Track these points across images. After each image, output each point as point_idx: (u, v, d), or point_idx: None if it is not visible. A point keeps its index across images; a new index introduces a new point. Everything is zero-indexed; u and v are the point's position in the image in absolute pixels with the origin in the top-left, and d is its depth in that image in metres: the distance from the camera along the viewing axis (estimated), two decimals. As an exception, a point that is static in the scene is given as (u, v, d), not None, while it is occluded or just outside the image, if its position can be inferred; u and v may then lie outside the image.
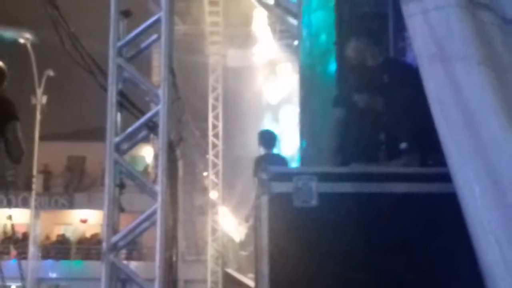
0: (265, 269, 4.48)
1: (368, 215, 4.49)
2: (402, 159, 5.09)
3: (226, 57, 22.64)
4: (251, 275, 14.82)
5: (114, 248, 4.20)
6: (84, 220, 33.76)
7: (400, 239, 4.45)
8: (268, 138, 8.82)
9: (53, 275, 31.40)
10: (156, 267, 4.13)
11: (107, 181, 4.20)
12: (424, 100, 3.94)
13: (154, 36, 4.49)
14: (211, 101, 23.17)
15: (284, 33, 18.09)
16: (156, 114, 4.30)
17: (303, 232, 4.49)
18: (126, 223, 4.30)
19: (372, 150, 5.07)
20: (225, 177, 24.15)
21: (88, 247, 32.66)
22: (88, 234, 33.30)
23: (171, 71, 4.39)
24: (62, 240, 33.10)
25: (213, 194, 24.22)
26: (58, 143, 33.68)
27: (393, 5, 6.27)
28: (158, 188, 4.19)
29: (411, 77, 5.12)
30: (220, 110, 23.41)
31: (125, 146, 4.41)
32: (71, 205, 33.25)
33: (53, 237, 32.98)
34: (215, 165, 23.58)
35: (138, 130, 4.46)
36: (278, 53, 19.66)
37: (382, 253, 4.46)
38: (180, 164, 7.26)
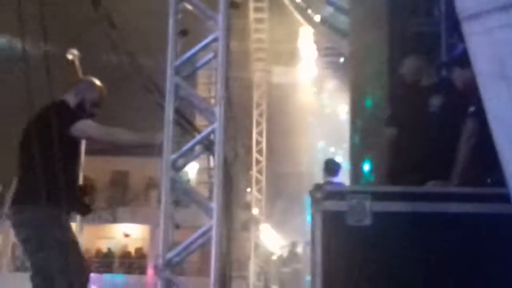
0: (319, 287, 4.48)
1: (422, 234, 4.47)
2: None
3: (270, 74, 22.70)
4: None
5: (169, 264, 4.23)
6: (127, 234, 33.97)
7: (456, 260, 4.42)
8: (332, 167, 9.21)
9: (96, 288, 31.59)
10: (211, 283, 4.16)
11: (163, 198, 4.24)
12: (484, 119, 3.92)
13: (210, 55, 4.54)
14: (255, 117, 23.22)
15: (329, 50, 18.11)
16: (212, 131, 4.33)
17: (357, 251, 4.48)
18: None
19: (429, 170, 5.03)
20: (268, 193, 24.16)
21: (130, 261, 32.87)
22: (131, 248, 33.50)
23: (227, 90, 4.43)
24: (106, 254, 33.33)
25: (255, 210, 24.23)
26: (102, 157, 33.95)
27: (446, 23, 6.25)
28: (214, 205, 4.21)
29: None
30: (264, 126, 23.45)
31: (180, 163, 4.45)
32: (115, 219, 33.47)
33: (96, 251, 33.21)
34: (258, 181, 23.60)
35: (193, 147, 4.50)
36: (323, 70, 19.70)
37: (436, 274, 4.42)
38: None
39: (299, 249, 22.22)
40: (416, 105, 5.37)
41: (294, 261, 21.29)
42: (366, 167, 6.47)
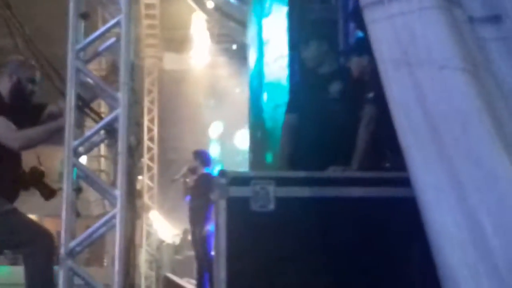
0: (222, 273, 4.48)
1: (325, 219, 4.55)
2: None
3: (162, 60, 22.46)
4: (187, 279, 14.80)
5: (71, 253, 4.14)
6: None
7: (357, 243, 4.52)
8: (206, 158, 9.44)
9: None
10: (115, 272, 4.09)
11: (65, 185, 4.14)
12: (382, 105, 4.01)
13: (112, 39, 4.45)
14: (146, 104, 22.92)
15: (222, 37, 18.09)
16: (115, 118, 4.25)
17: (261, 237, 4.52)
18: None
19: (329, 155, 5.11)
20: (159, 180, 23.98)
21: (15, 253, 31.90)
22: (16, 239, 32.54)
23: (130, 75, 4.35)
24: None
25: (147, 198, 23.98)
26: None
27: (342, 11, 6.35)
28: (118, 192, 4.14)
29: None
30: (155, 113, 23.20)
31: (82, 149, 4.35)
32: (0, 209, 32.44)
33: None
34: (150, 168, 23.37)
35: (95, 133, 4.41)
36: (216, 57, 19.67)
37: (339, 256, 4.52)
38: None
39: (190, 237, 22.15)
40: (316, 91, 5.43)
41: (186, 248, 21.22)
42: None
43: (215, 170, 9.43)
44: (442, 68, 3.52)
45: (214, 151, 20.45)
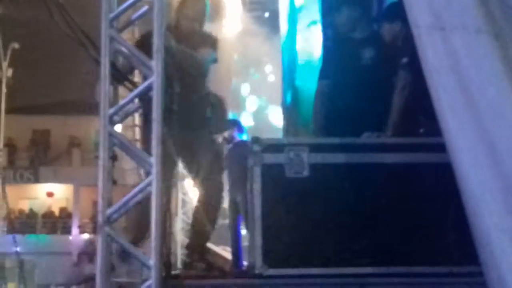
0: (258, 239, 4.53)
1: (359, 185, 4.57)
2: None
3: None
4: (223, 246, 14.91)
5: (108, 220, 4.19)
6: (50, 194, 33.52)
7: (391, 209, 4.53)
8: (242, 125, 9.47)
9: (18, 249, 31.01)
10: (152, 238, 4.12)
11: (101, 153, 4.17)
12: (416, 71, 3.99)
13: (145, 8, 4.45)
14: (179, 73, 22.98)
15: (254, 5, 17.95)
16: (149, 86, 4.26)
17: (296, 203, 4.55)
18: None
19: (362, 121, 5.10)
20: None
21: (54, 221, 32.45)
22: (54, 208, 33.05)
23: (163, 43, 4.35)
24: (28, 214, 32.81)
25: (182, 167, 24.07)
26: (22, 116, 33.24)
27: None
28: (153, 160, 4.17)
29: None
30: (187, 83, 23.25)
31: (117, 118, 4.37)
32: (37, 179, 32.96)
33: (19, 211, 32.62)
34: (183, 137, 23.49)
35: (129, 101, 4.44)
36: (248, 25, 19.54)
37: (373, 222, 4.53)
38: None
39: (225, 204, 22.19)
40: (349, 57, 5.41)
41: (221, 217, 21.26)
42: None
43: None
44: (478, 33, 3.49)
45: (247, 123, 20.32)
